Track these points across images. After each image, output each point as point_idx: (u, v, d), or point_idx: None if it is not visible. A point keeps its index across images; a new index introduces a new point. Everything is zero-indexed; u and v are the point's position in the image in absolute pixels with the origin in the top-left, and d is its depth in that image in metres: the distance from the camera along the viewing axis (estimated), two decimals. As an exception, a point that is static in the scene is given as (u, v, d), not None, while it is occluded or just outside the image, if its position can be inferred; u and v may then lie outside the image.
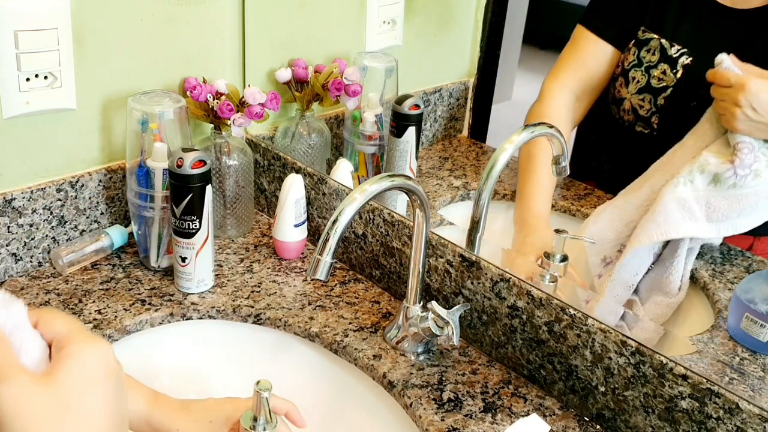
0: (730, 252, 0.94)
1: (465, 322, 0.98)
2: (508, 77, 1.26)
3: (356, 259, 1.13)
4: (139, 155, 1.05)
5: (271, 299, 1.05)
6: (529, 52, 1.21)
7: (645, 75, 0.95)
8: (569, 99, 1.05)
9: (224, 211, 1.18)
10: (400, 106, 1.12)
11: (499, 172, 0.98)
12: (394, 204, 1.14)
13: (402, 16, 1.28)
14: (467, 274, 0.96)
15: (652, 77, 0.95)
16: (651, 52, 0.95)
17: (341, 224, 0.78)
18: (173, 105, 1.05)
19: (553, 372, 0.89)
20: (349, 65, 1.22)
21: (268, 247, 1.18)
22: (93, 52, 1.05)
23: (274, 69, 1.22)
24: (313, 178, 1.16)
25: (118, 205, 1.15)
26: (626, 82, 0.98)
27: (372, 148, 1.22)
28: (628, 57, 0.97)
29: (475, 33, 1.28)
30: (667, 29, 0.94)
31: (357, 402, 0.96)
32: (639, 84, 0.96)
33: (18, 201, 1.03)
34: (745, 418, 0.73)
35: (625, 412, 0.83)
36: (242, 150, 1.18)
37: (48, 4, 0.98)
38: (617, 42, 1.00)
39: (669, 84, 0.94)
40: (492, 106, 1.28)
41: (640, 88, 0.96)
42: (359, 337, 0.98)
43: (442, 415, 0.86)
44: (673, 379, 0.77)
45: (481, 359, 0.96)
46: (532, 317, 0.90)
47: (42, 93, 1.01)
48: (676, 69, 0.93)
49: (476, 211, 1.03)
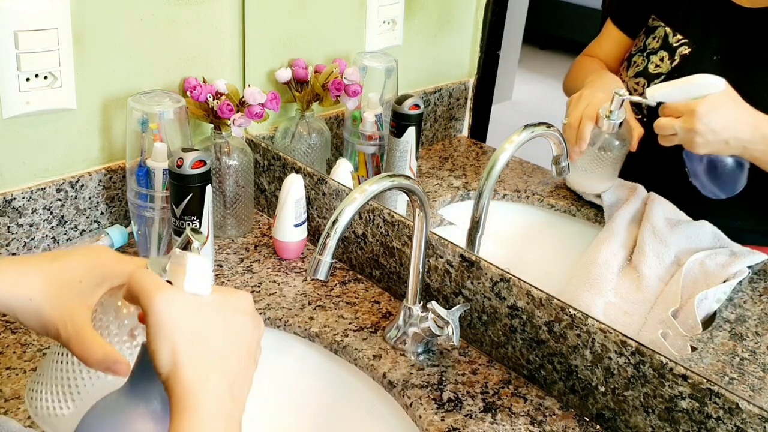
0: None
1: (465, 322, 0.98)
2: (508, 77, 1.26)
3: (356, 259, 1.13)
4: (139, 155, 1.05)
5: (271, 299, 1.05)
6: (529, 52, 1.21)
7: (645, 60, 0.96)
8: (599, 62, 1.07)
9: (224, 211, 1.18)
10: (400, 106, 1.12)
11: (499, 172, 0.98)
12: (394, 204, 1.14)
13: (402, 16, 1.28)
14: (467, 274, 0.96)
15: (651, 62, 0.95)
16: (656, 39, 0.95)
17: (341, 224, 0.78)
18: (173, 105, 1.05)
19: (553, 372, 0.89)
20: (349, 65, 1.22)
21: (268, 247, 1.18)
22: (93, 52, 1.05)
23: (274, 69, 1.22)
24: (313, 178, 1.16)
25: (118, 205, 1.15)
26: (628, 65, 0.99)
27: (372, 148, 1.22)
28: (637, 43, 0.99)
29: (475, 33, 1.28)
30: (677, 20, 0.95)
31: (357, 402, 0.96)
32: (637, 68, 0.97)
33: (18, 201, 1.03)
34: (745, 418, 0.73)
35: (625, 412, 0.83)
36: (242, 150, 1.18)
37: (48, 4, 0.98)
38: (630, 30, 1.01)
39: (664, 71, 0.94)
40: (492, 106, 1.28)
41: (637, 72, 0.97)
42: (359, 337, 0.98)
43: (442, 415, 0.86)
44: (673, 379, 0.77)
45: (481, 359, 0.96)
46: (532, 317, 0.90)
47: (42, 93, 1.01)
48: (674, 57, 0.93)
49: (476, 211, 1.03)
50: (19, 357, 0.90)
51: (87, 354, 0.58)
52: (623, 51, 1.02)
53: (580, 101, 0.96)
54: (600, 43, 1.06)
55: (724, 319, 0.88)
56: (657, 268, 0.93)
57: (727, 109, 0.85)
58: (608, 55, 1.04)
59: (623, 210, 0.98)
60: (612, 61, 1.03)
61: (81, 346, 0.58)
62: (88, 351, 0.58)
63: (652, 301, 0.91)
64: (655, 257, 0.93)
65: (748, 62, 0.90)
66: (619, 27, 1.03)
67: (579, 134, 0.95)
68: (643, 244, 0.94)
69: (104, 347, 0.58)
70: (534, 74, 1.23)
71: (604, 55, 1.05)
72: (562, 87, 1.09)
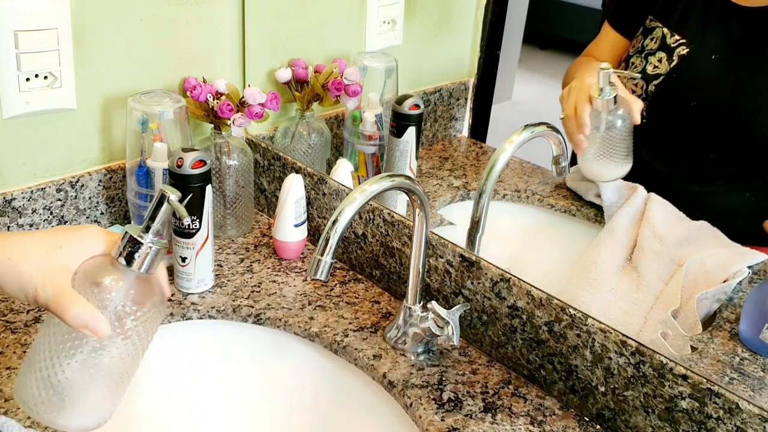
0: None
1: (465, 322, 0.98)
2: (508, 77, 1.26)
3: (356, 259, 1.13)
4: (139, 155, 1.05)
5: (271, 299, 1.05)
6: (529, 52, 1.20)
7: (643, 61, 0.96)
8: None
9: (224, 211, 1.18)
10: (400, 106, 1.12)
11: (499, 172, 0.98)
12: (394, 204, 1.14)
13: (402, 16, 1.28)
14: (467, 274, 0.96)
15: (649, 63, 0.95)
16: (653, 40, 0.95)
17: (341, 224, 0.78)
18: (173, 105, 1.05)
19: (553, 372, 0.89)
20: (349, 65, 1.22)
21: (268, 247, 1.18)
22: (93, 52, 1.05)
23: (274, 69, 1.22)
24: (313, 178, 1.16)
25: (118, 205, 1.15)
26: (626, 67, 0.99)
27: (372, 148, 1.22)
28: (635, 44, 0.98)
29: (475, 33, 1.28)
30: (673, 20, 0.95)
31: (357, 402, 0.96)
32: (636, 69, 0.97)
33: (18, 201, 1.03)
34: (745, 418, 0.73)
35: (625, 412, 0.83)
36: (242, 150, 1.18)
37: (48, 4, 0.98)
38: (627, 31, 1.01)
39: (662, 72, 0.94)
40: (492, 106, 1.28)
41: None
42: (359, 337, 0.98)
43: (442, 415, 0.86)
44: (673, 379, 0.77)
45: (481, 359, 0.96)
46: (532, 317, 0.90)
47: (42, 93, 1.01)
48: (672, 58, 0.93)
49: (476, 211, 1.03)
50: (19, 357, 0.90)
51: (66, 310, 0.59)
52: (621, 52, 1.02)
53: (570, 93, 0.96)
54: (598, 44, 1.06)
55: (724, 319, 0.88)
56: (657, 268, 0.93)
57: None
58: (606, 57, 1.04)
59: (623, 210, 0.98)
60: (610, 62, 1.04)
61: (60, 303, 0.59)
62: (68, 307, 0.59)
63: (652, 301, 0.91)
64: (654, 257, 0.93)
65: (747, 61, 0.90)
66: (616, 29, 1.03)
67: (578, 121, 0.95)
68: (642, 244, 0.94)
69: (84, 303, 0.60)
70: (534, 74, 1.23)
71: (602, 57, 1.05)
72: (562, 89, 1.09)
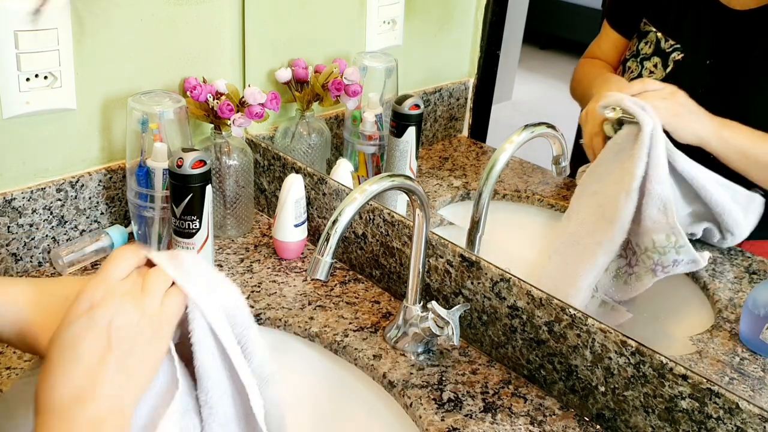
0: (730, 251, 0.94)
1: (465, 322, 0.98)
2: (508, 77, 1.26)
3: (356, 259, 1.13)
4: (139, 155, 1.05)
5: (271, 299, 1.05)
6: (529, 52, 1.21)
7: (639, 66, 0.96)
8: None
9: (224, 211, 1.18)
10: (400, 106, 1.12)
11: (499, 172, 0.98)
12: (394, 204, 1.14)
13: (402, 16, 1.28)
14: (467, 274, 0.96)
15: (645, 69, 0.95)
16: (648, 44, 0.96)
17: (341, 224, 0.78)
18: (173, 105, 1.05)
19: (553, 372, 0.89)
20: (349, 65, 1.22)
21: (268, 247, 1.18)
22: (93, 52, 1.05)
23: (274, 69, 1.22)
24: (313, 178, 1.16)
25: (118, 205, 1.15)
26: (623, 70, 0.99)
27: (372, 148, 1.22)
28: (631, 47, 0.99)
29: (475, 33, 1.28)
30: (668, 24, 0.95)
31: (357, 402, 0.96)
32: (632, 74, 0.97)
33: (18, 201, 1.03)
34: (745, 418, 0.73)
35: (625, 412, 0.83)
36: (242, 150, 1.18)
37: (48, 4, 0.97)
38: (625, 31, 1.01)
39: (658, 78, 0.94)
40: (492, 106, 1.28)
41: (632, 78, 0.97)
42: (359, 337, 0.98)
43: (442, 415, 0.86)
44: (673, 379, 0.78)
45: (481, 359, 0.96)
46: (532, 317, 0.90)
47: (42, 93, 1.01)
48: (668, 63, 0.93)
49: (476, 211, 1.03)
50: (19, 357, 0.90)
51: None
52: (621, 52, 1.02)
53: (587, 120, 0.96)
54: (599, 44, 1.06)
55: (724, 319, 0.88)
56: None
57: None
58: (607, 57, 1.04)
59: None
60: (612, 62, 1.04)
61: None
62: None
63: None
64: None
65: (741, 65, 0.90)
66: (614, 28, 1.03)
67: (595, 153, 0.95)
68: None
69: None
70: (534, 74, 1.24)
71: (603, 57, 1.05)
72: (570, 92, 1.09)
